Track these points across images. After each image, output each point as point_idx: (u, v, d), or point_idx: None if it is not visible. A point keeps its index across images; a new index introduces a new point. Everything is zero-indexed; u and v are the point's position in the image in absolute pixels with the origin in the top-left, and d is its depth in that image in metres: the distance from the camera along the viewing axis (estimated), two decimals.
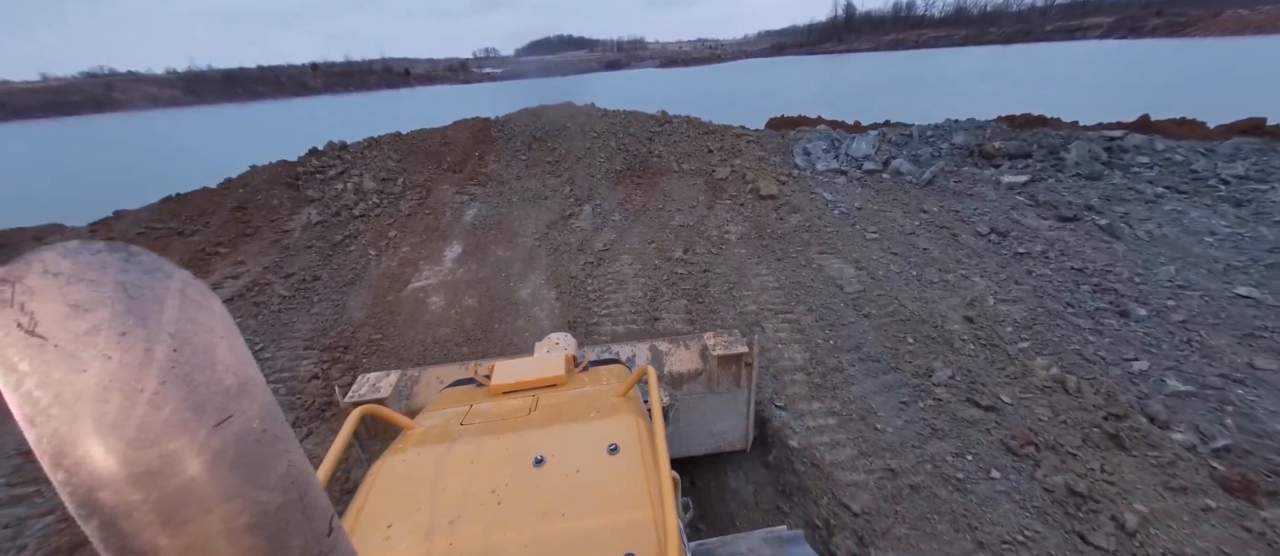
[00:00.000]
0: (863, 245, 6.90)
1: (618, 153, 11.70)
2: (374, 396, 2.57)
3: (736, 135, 11.91)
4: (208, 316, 0.42)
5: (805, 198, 8.94)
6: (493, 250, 7.96)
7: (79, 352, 0.36)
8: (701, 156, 11.39)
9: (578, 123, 12.86)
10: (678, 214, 8.76)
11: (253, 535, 0.42)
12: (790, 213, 8.30)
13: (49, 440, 0.35)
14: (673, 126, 12.30)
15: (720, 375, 2.97)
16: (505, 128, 13.09)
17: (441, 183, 11.07)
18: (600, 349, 3.05)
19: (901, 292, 5.58)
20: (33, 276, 0.36)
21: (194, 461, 0.39)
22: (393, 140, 12.16)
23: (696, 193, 9.78)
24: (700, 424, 3.09)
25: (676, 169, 11.03)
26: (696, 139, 11.94)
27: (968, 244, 6.72)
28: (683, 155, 11.40)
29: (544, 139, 12.62)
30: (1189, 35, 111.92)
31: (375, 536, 1.18)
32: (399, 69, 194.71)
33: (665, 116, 12.76)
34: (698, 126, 12.40)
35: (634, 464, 1.35)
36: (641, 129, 12.29)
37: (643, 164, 11.38)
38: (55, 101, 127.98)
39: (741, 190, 9.57)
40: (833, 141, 10.69)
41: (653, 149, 11.70)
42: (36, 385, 0.35)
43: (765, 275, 6.29)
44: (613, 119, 12.64)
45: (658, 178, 10.79)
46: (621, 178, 10.98)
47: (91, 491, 0.36)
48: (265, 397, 0.45)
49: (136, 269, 0.40)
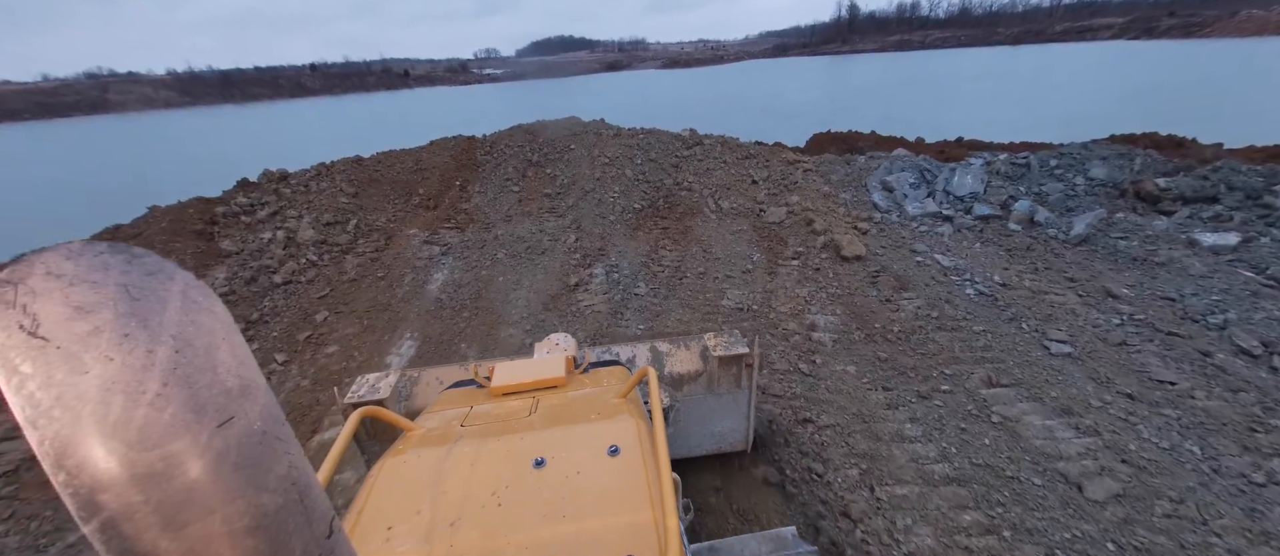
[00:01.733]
0: (1056, 371, 4.21)
1: (636, 184, 9.13)
2: (373, 397, 2.50)
3: (787, 160, 9.33)
4: (209, 318, 0.42)
5: (909, 262, 6.36)
6: (461, 349, 5.39)
7: (81, 354, 0.36)
8: (744, 190, 8.82)
9: (585, 143, 10.29)
10: (728, 284, 6.19)
11: (254, 537, 0.42)
12: (899, 290, 5.71)
13: (51, 442, 0.35)
14: (704, 148, 9.72)
15: (721, 376, 2.90)
16: (494, 149, 10.52)
17: (408, 225, 8.51)
18: (601, 350, 2.97)
19: (1212, 510, 2.96)
20: (35, 278, 0.36)
21: (196, 463, 0.39)
22: (349, 167, 9.59)
23: (747, 246, 7.20)
24: (701, 424, 3.02)
25: (714, 208, 8.46)
26: (735, 165, 9.37)
27: (1241, 374, 3.98)
28: (720, 188, 8.83)
29: (542, 164, 10.06)
30: (1206, 36, 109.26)
31: (376, 538, 1.17)
32: (398, 70, 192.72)
33: (695, 136, 10.18)
34: (735, 148, 9.83)
35: (634, 465, 1.32)
36: (665, 152, 9.72)
37: (669, 200, 8.81)
38: (49, 103, 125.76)
39: (809, 244, 6.99)
40: (922, 173, 8.11)
41: (680, 179, 9.13)
42: (39, 387, 0.35)
43: (913, 437, 3.64)
44: (628, 140, 10.06)
45: (690, 220, 8.22)
46: (642, 220, 8.41)
47: (93, 493, 0.36)
48: (266, 399, 0.45)
49: (139, 270, 0.40)
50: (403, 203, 9.22)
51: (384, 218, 8.64)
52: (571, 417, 1.62)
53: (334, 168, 9.49)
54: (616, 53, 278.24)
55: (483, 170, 10.14)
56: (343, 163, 9.70)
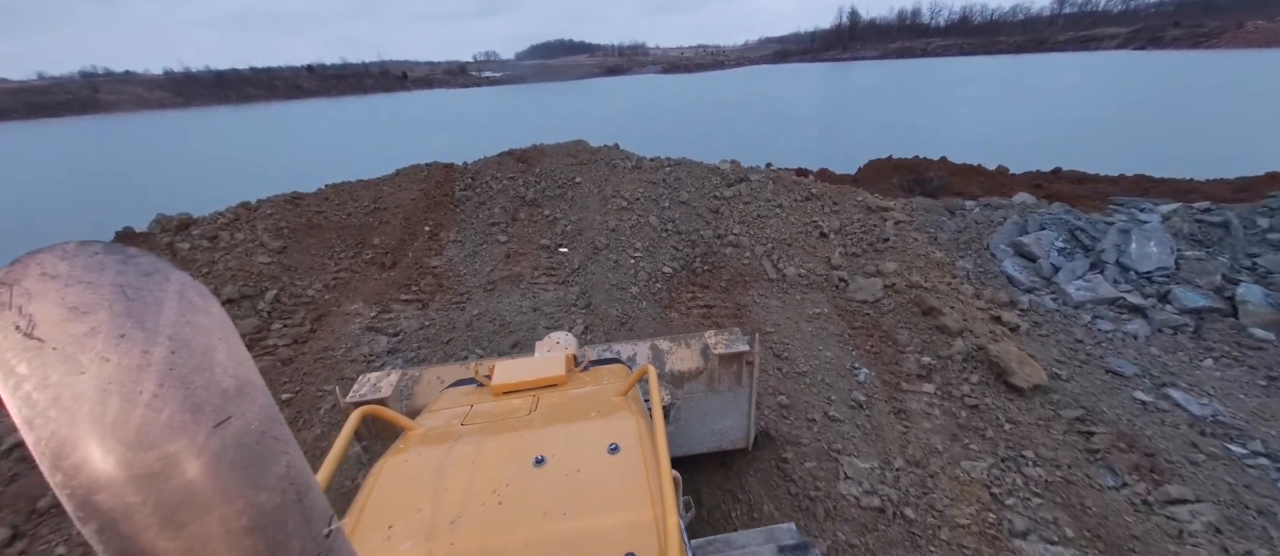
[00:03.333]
0: None
1: (665, 236, 6.77)
2: (375, 396, 2.50)
3: (866, 206, 6.99)
4: (206, 318, 0.42)
5: (1120, 398, 4.00)
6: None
7: (77, 355, 0.36)
8: (811, 246, 6.47)
9: (594, 175, 7.94)
10: (832, 432, 3.82)
11: (252, 536, 0.42)
12: (1148, 474, 3.34)
13: (47, 443, 0.35)
14: (751, 186, 7.39)
15: (722, 374, 2.89)
16: (478, 182, 8.16)
17: (350, 295, 6.12)
18: (601, 347, 2.95)
19: None
20: (31, 279, 0.36)
21: (193, 463, 0.38)
22: (281, 209, 7.20)
23: (837, 346, 4.84)
24: (701, 422, 3.01)
25: (774, 273, 6.10)
26: (794, 209, 7.02)
27: None
28: (778, 244, 6.48)
29: (538, 203, 7.71)
30: (1213, 47, 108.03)
31: (376, 536, 1.17)
32: (396, 72, 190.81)
33: (738, 169, 7.84)
34: (790, 186, 7.48)
35: (635, 464, 1.32)
36: (700, 190, 7.38)
37: (710, 260, 6.46)
38: (39, 102, 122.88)
39: (938, 348, 4.63)
40: (1073, 233, 5.77)
41: (723, 228, 6.78)
42: (35, 388, 0.35)
43: None
44: (651, 175, 7.72)
45: (742, 293, 5.88)
46: (676, 291, 6.05)
47: (90, 494, 0.36)
48: (264, 399, 0.45)
49: (134, 271, 0.39)
50: (350, 258, 6.84)
51: (318, 284, 6.25)
52: (571, 416, 1.60)
53: (258, 210, 7.09)
54: (616, 57, 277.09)
55: (461, 210, 7.77)
56: (273, 203, 7.30)
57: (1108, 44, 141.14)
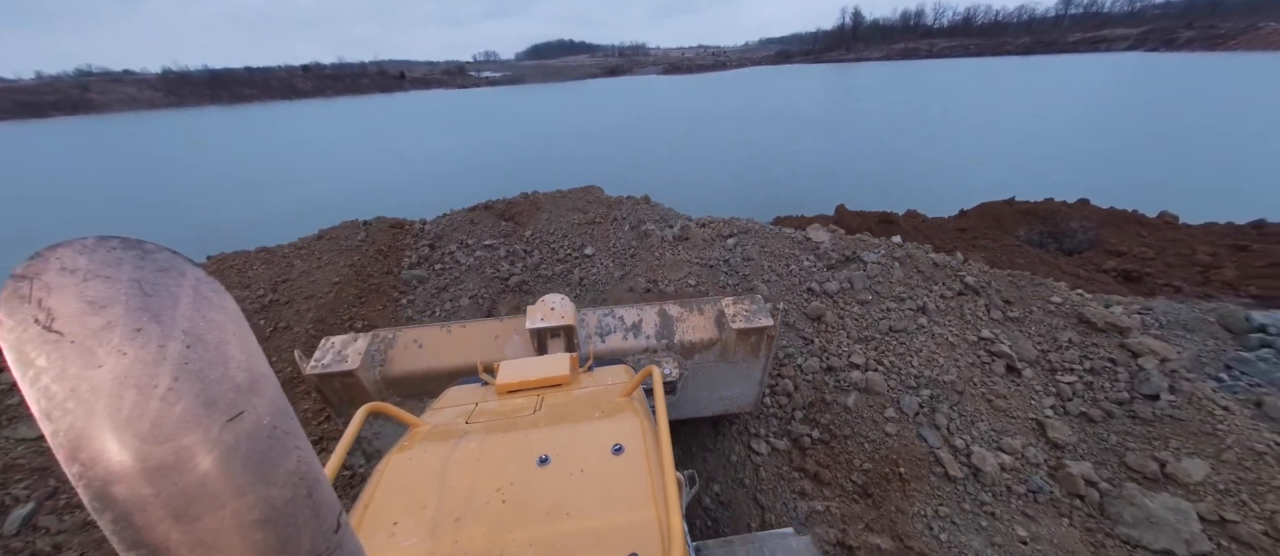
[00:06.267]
0: None
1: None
2: (340, 367, 2.34)
3: (1077, 316, 4.17)
4: (219, 314, 0.42)
5: None
6: None
7: (95, 348, 0.36)
8: (999, 392, 3.70)
9: (615, 246, 5.16)
10: None
11: (263, 530, 0.42)
12: None
13: (65, 434, 0.36)
14: (866, 270, 4.60)
15: (738, 346, 2.67)
16: (437, 252, 5.39)
17: None
18: (603, 311, 2.75)
19: None
20: (50, 273, 0.37)
21: (206, 457, 0.39)
22: None
23: None
24: (709, 389, 2.85)
25: (959, 470, 3.31)
26: (946, 314, 4.26)
27: None
28: (942, 390, 3.70)
29: (530, 290, 4.94)
30: (1228, 49, 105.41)
31: (381, 533, 1.17)
32: (393, 72, 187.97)
33: (842, 242, 5.05)
34: (933, 273, 4.68)
35: (638, 464, 1.31)
36: (786, 282, 4.60)
37: (822, 420, 3.67)
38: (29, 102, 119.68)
39: None
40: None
41: (833, 352, 4.00)
42: (53, 380, 0.35)
43: None
44: (704, 250, 4.93)
45: (897, 505, 3.10)
46: (768, 484, 3.27)
47: (106, 485, 0.37)
48: (275, 394, 0.45)
49: (151, 266, 0.40)
50: None
51: None
52: (575, 415, 1.59)
53: None
54: (617, 57, 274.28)
55: (410, 300, 4.99)
56: None
57: (1118, 45, 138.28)
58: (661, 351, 2.62)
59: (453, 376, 2.31)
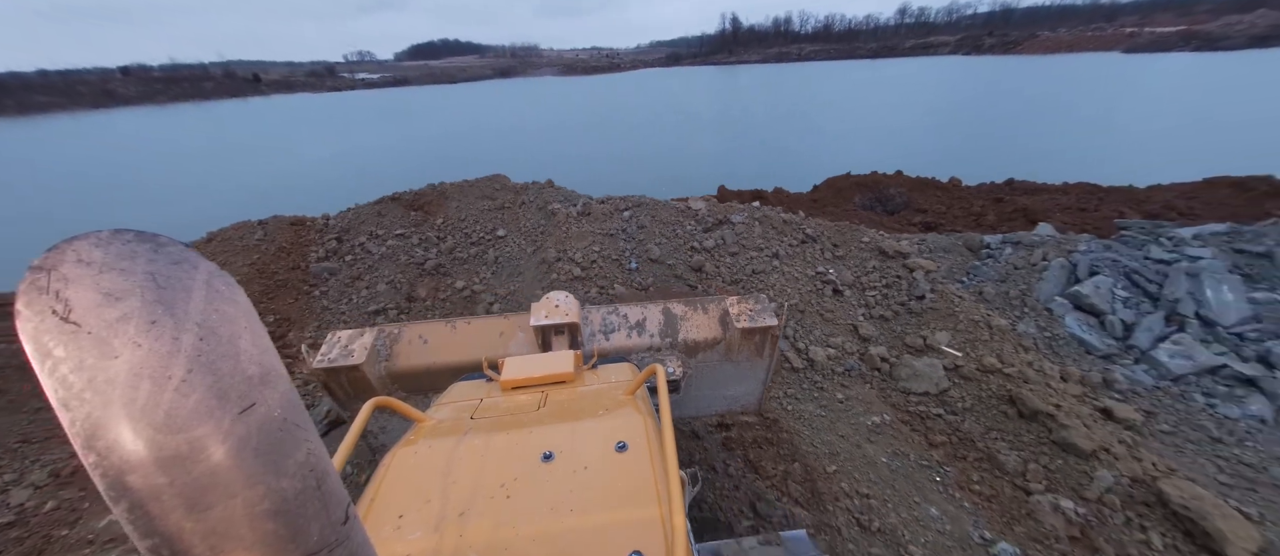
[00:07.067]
0: None
1: None
2: (346, 362, 2.37)
3: (880, 250, 5.62)
4: (232, 307, 0.43)
5: None
6: None
7: (111, 340, 0.37)
8: (829, 312, 4.97)
9: (525, 226, 5.75)
10: None
11: (273, 520, 0.43)
12: None
13: (82, 423, 0.36)
14: (735, 229, 5.72)
15: (742, 346, 2.64)
16: (345, 244, 5.56)
17: (96, 510, 3.36)
18: (607, 309, 2.74)
19: None
20: (67, 265, 0.37)
21: (218, 448, 0.40)
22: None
23: (928, 485, 3.31)
24: (712, 389, 2.82)
25: (800, 362, 4.47)
26: (791, 257, 5.49)
27: None
28: (790, 312, 4.88)
29: (447, 270, 5.36)
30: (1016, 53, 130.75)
31: (387, 526, 1.18)
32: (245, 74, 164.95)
33: (716, 205, 6.11)
34: (780, 226, 5.93)
35: (642, 462, 1.32)
36: (672, 242, 5.56)
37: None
38: None
39: (1079, 485, 3.28)
40: (1129, 277, 4.84)
41: (712, 292, 5.03)
42: (71, 370, 0.36)
43: None
44: (605, 223, 5.72)
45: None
46: None
47: (122, 475, 0.37)
48: (286, 387, 0.46)
49: (165, 259, 0.40)
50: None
51: (27, 486, 3.39)
52: (580, 413, 1.60)
53: None
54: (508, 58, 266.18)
55: (324, 291, 5.16)
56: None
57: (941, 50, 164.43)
58: (665, 350, 2.63)
59: (457, 372, 2.34)
